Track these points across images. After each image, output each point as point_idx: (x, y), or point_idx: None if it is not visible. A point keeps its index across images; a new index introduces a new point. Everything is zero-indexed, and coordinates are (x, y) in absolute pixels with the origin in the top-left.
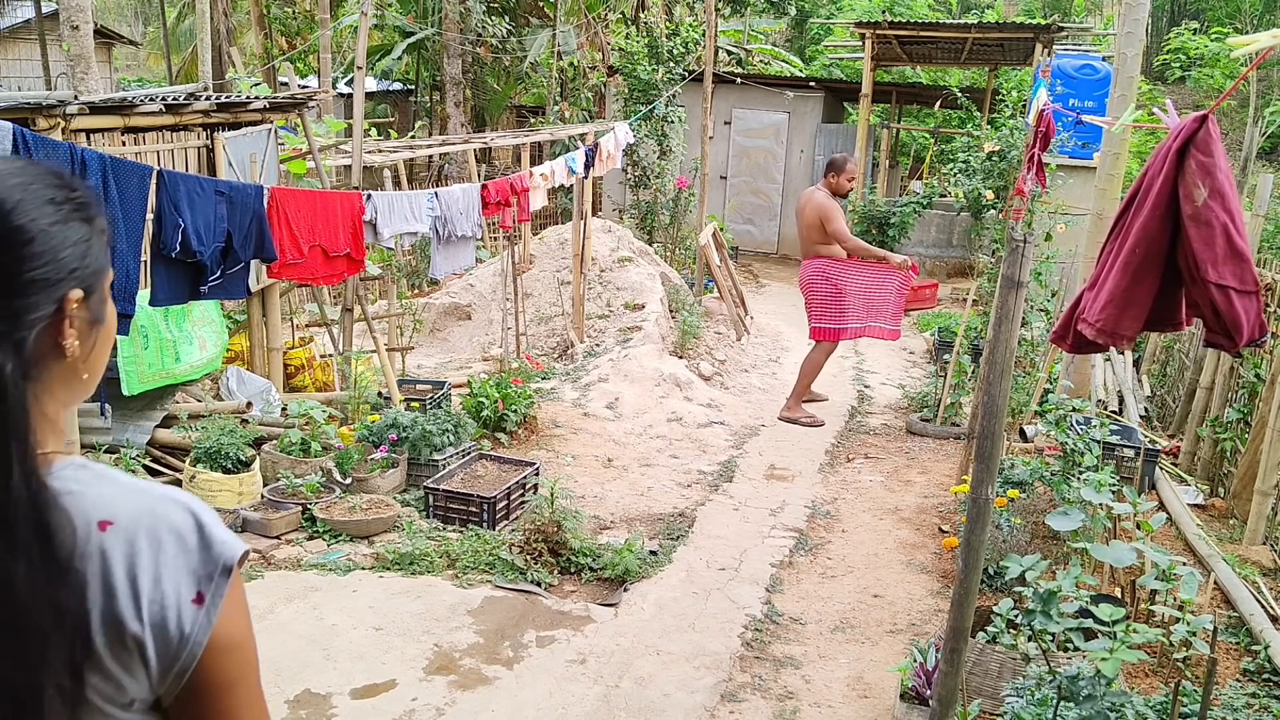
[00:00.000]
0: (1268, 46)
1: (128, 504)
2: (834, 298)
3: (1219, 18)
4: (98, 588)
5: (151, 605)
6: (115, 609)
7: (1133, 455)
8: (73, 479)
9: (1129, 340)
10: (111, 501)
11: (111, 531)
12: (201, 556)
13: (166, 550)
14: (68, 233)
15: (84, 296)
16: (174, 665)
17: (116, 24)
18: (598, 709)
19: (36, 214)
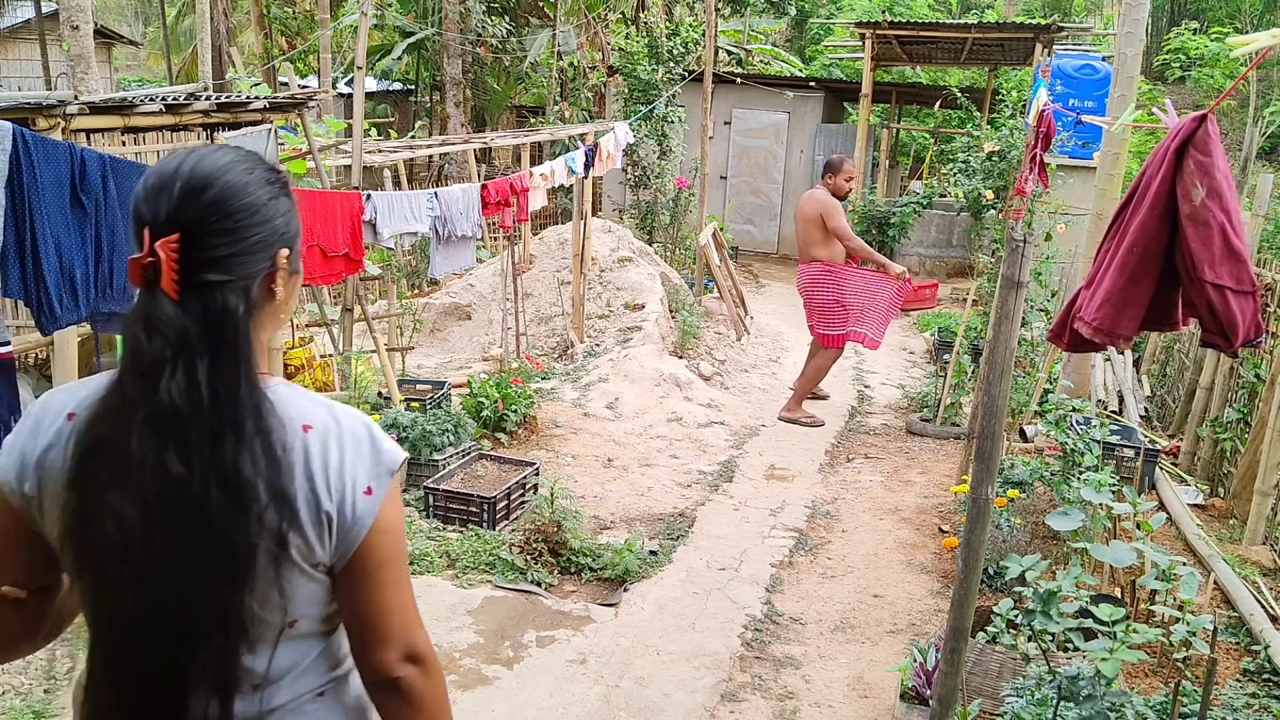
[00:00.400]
0: (1267, 46)
1: (322, 414)
2: (833, 303)
3: (1219, 18)
4: (301, 474)
5: (337, 491)
6: (314, 490)
7: (1133, 455)
8: (280, 393)
9: (1126, 339)
10: (310, 411)
11: (311, 433)
12: (372, 459)
13: (348, 451)
14: (278, 205)
15: (288, 254)
16: (347, 538)
17: (116, 24)
18: (598, 709)
19: (260, 192)
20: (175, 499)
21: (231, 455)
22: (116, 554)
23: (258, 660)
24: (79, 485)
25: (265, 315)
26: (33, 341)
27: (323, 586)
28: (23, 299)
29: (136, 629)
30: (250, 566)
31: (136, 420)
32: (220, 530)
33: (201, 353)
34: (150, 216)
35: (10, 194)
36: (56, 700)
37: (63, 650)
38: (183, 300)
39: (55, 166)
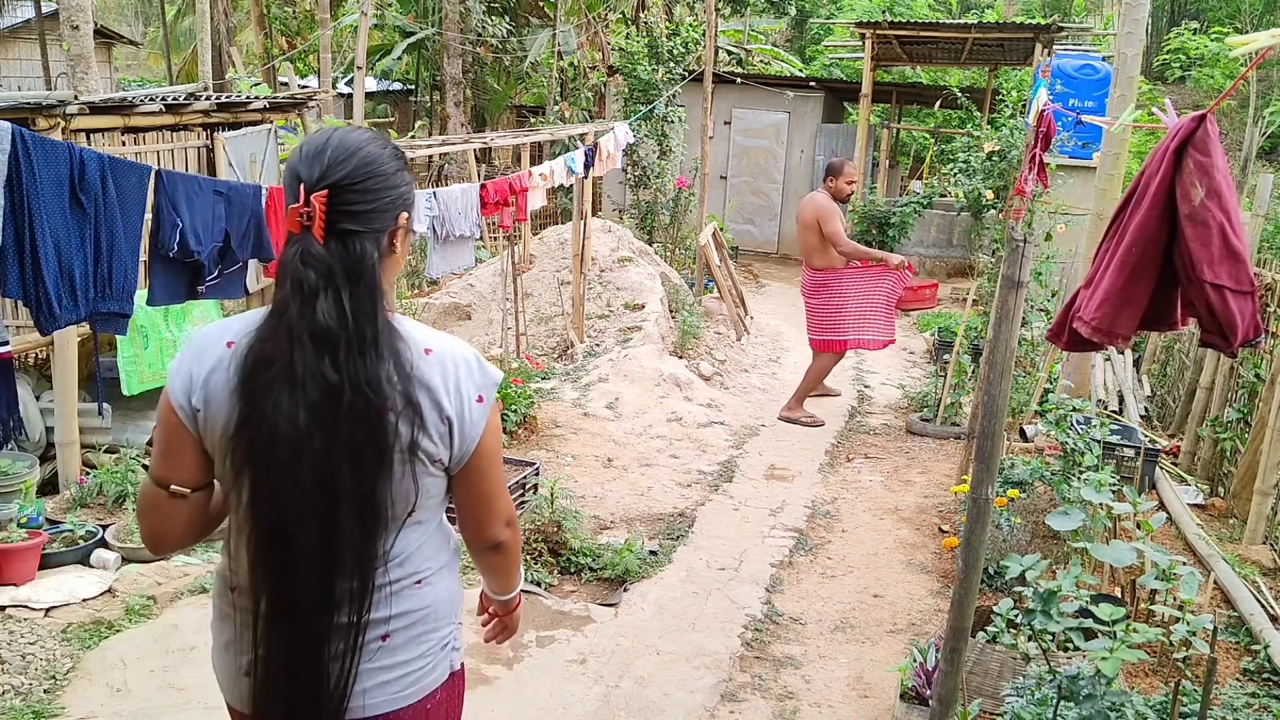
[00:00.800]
0: (1267, 46)
1: (439, 341)
2: (834, 311)
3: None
4: (426, 388)
5: (455, 401)
6: (436, 400)
7: (1133, 455)
8: (404, 325)
9: (1125, 339)
10: (429, 338)
11: (432, 355)
12: (480, 375)
13: (461, 370)
14: (402, 176)
15: (407, 216)
16: (466, 438)
17: (116, 24)
18: (598, 709)
19: (389, 165)
20: (330, 402)
21: (372, 367)
22: (285, 449)
23: (386, 542)
24: (246, 394)
25: (388, 264)
26: (32, 341)
27: (440, 482)
28: (22, 299)
29: (296, 516)
30: (388, 460)
31: (300, 336)
32: (365, 428)
33: (344, 285)
34: (306, 176)
35: (9, 194)
36: (56, 700)
37: (63, 650)
38: (327, 244)
39: (55, 166)
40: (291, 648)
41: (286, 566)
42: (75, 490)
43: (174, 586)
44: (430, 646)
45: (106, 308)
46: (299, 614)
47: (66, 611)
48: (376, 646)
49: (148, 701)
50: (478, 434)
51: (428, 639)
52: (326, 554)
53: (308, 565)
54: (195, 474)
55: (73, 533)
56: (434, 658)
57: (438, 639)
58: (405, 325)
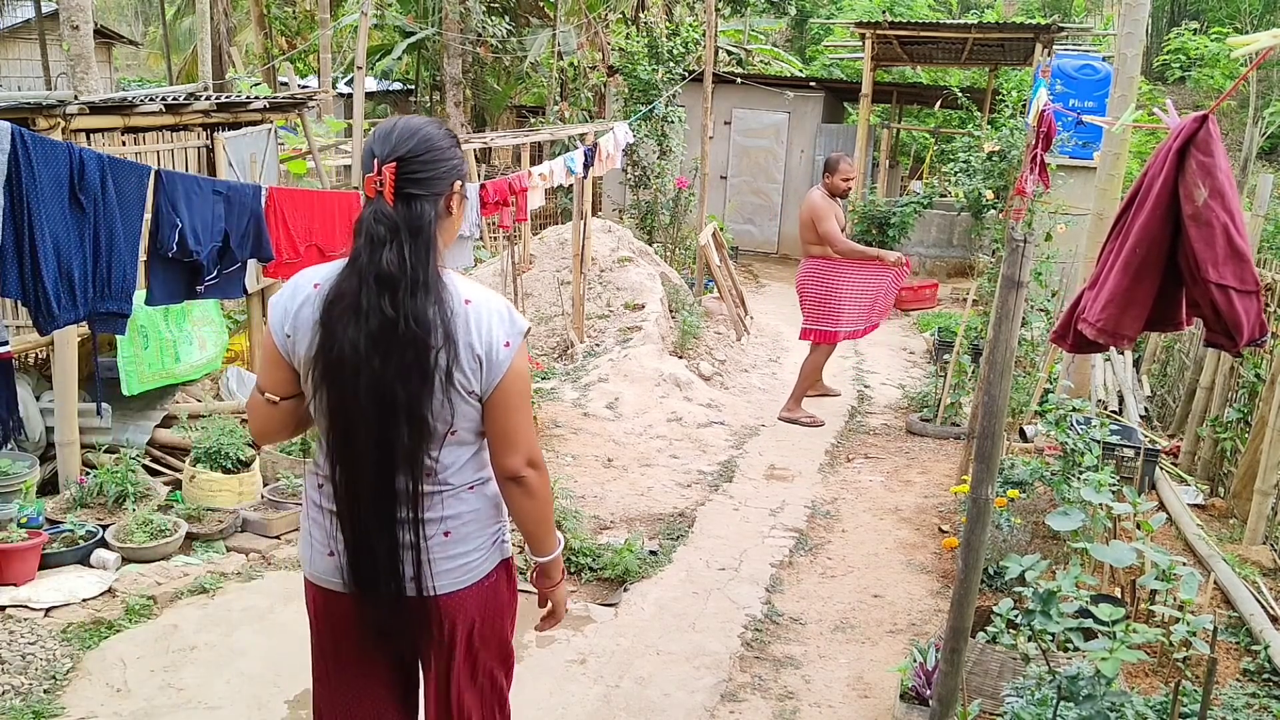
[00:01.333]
0: (1267, 46)
1: (478, 293)
2: (828, 299)
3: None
4: (463, 329)
5: (486, 342)
6: (471, 340)
7: (1133, 455)
8: (451, 277)
9: (1129, 340)
10: (470, 290)
11: (470, 305)
12: (509, 324)
13: (494, 318)
14: (454, 151)
15: (460, 185)
16: (492, 375)
17: (116, 24)
18: (598, 709)
19: (443, 142)
20: (388, 332)
21: (421, 306)
22: (350, 367)
23: (432, 454)
24: (324, 323)
25: (445, 224)
26: (32, 341)
27: (475, 409)
28: (21, 299)
29: (360, 422)
30: (430, 382)
31: (368, 278)
32: (414, 354)
33: (405, 238)
34: (379, 151)
35: (9, 194)
36: (56, 700)
37: (63, 650)
38: (395, 205)
39: (54, 166)
40: (360, 531)
41: (352, 462)
42: (75, 490)
43: (174, 586)
44: (483, 541)
45: (105, 308)
46: (364, 502)
47: (66, 611)
48: (439, 541)
49: (148, 701)
50: (502, 371)
51: (481, 534)
52: (382, 454)
53: (367, 462)
54: (286, 386)
55: (73, 533)
56: (487, 550)
57: (489, 534)
58: (451, 277)
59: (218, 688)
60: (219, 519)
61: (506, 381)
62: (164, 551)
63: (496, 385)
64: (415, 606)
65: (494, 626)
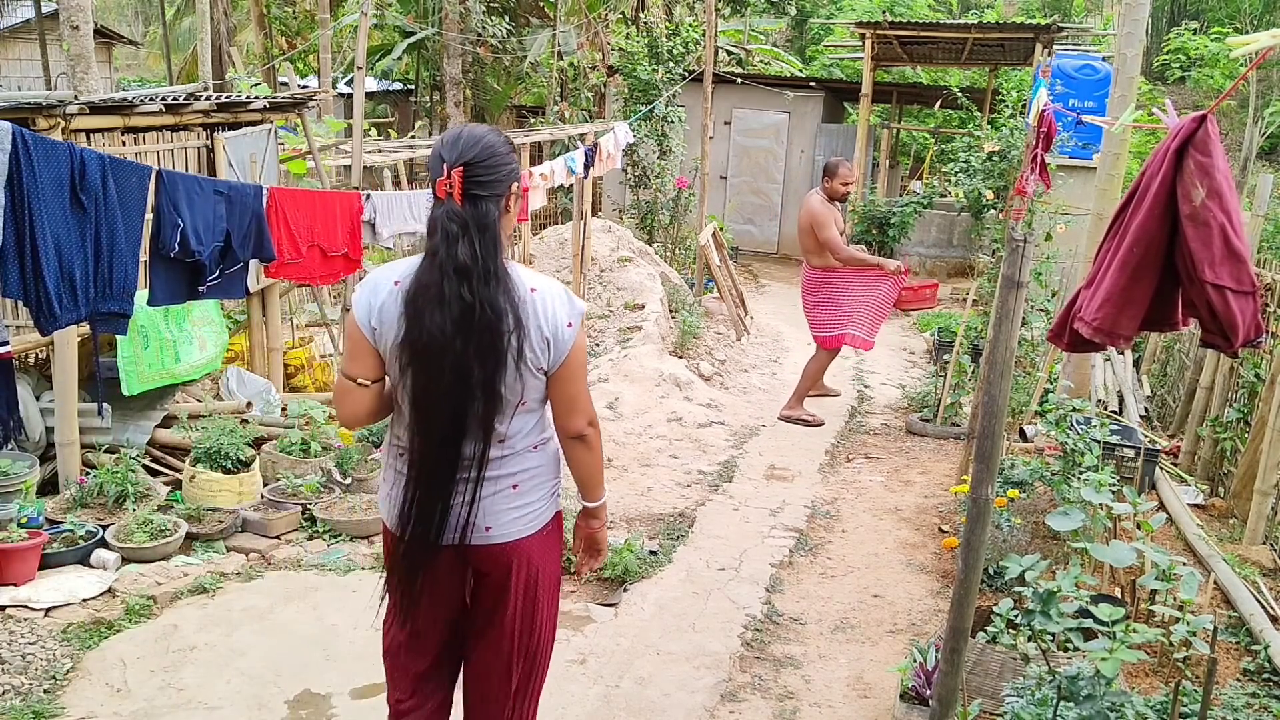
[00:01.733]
0: (1267, 46)
1: (541, 281)
2: (831, 306)
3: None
4: (531, 314)
5: (551, 324)
6: (540, 323)
7: (1133, 455)
8: (515, 268)
9: (1126, 340)
10: (534, 280)
11: (536, 293)
12: (570, 307)
13: (556, 302)
14: (511, 157)
15: (517, 185)
16: (558, 352)
17: (116, 24)
18: (598, 709)
19: (502, 148)
20: (466, 317)
21: (493, 293)
22: (437, 349)
23: (502, 422)
24: (410, 312)
25: (505, 220)
26: (32, 341)
27: (541, 382)
28: (22, 299)
29: (442, 397)
30: (503, 361)
31: (448, 270)
32: (489, 337)
33: (474, 234)
34: (449, 157)
35: (10, 194)
36: (56, 700)
37: (63, 650)
38: (463, 205)
39: (55, 166)
40: (433, 488)
41: (432, 433)
42: (75, 490)
43: (174, 586)
44: (544, 493)
45: (107, 308)
46: (438, 465)
47: (66, 611)
48: (508, 494)
49: (148, 701)
50: (567, 349)
51: (542, 487)
52: (457, 424)
53: (444, 431)
54: (372, 371)
55: (73, 533)
56: (546, 501)
57: (549, 488)
58: (515, 268)
59: (218, 688)
60: (219, 519)
61: (570, 357)
62: (164, 551)
63: (562, 361)
64: (488, 551)
65: (549, 570)
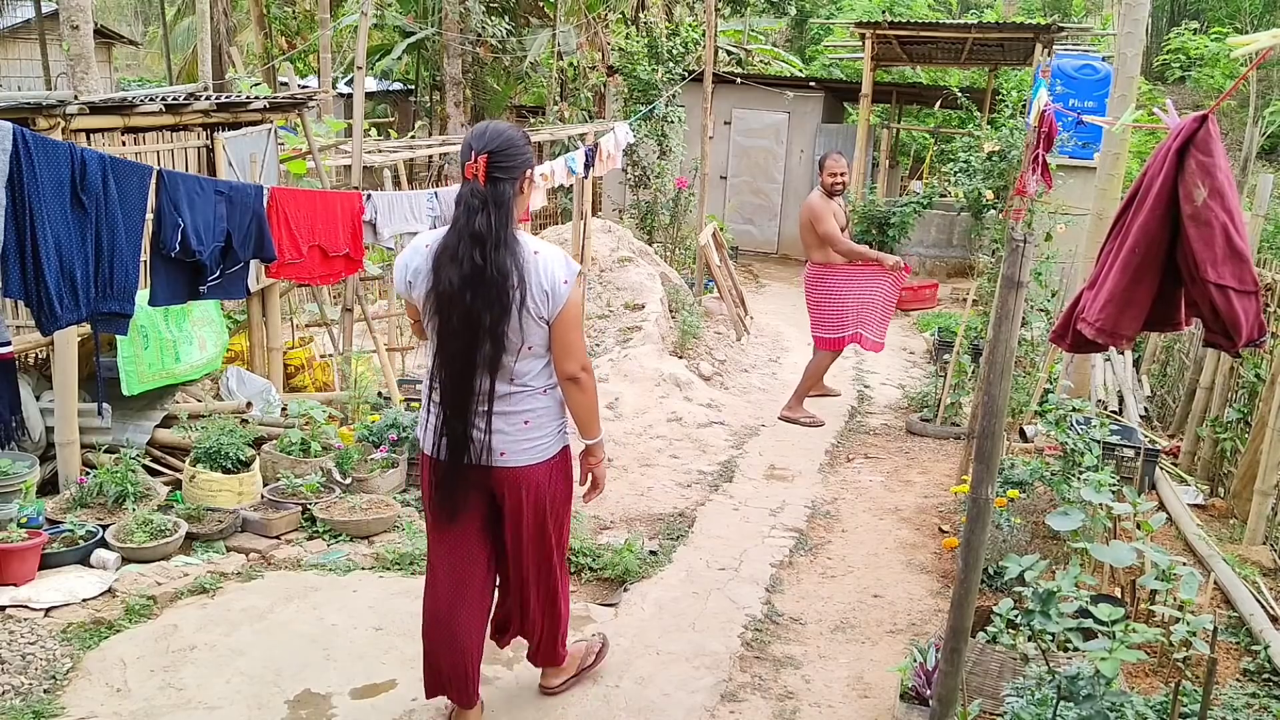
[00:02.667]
0: (1268, 46)
1: (543, 246)
2: (831, 304)
3: (1219, 18)
4: (533, 272)
5: (550, 280)
6: (540, 280)
7: (1133, 455)
8: (521, 236)
9: (1128, 340)
10: (537, 245)
11: (539, 255)
12: (566, 267)
13: (555, 263)
14: (527, 147)
15: (530, 172)
16: (556, 304)
17: (116, 24)
18: (597, 709)
19: (520, 141)
20: (477, 275)
21: (503, 256)
22: (450, 299)
23: (509, 362)
24: (434, 269)
25: (519, 200)
26: (33, 341)
27: (543, 330)
28: (22, 299)
29: (456, 337)
30: (508, 311)
31: (464, 237)
32: (495, 291)
33: (492, 209)
34: (476, 146)
35: (10, 194)
36: (56, 700)
37: (63, 650)
38: (485, 186)
39: (55, 166)
40: (455, 416)
41: (450, 368)
42: (75, 490)
43: (174, 586)
44: (552, 429)
45: (107, 308)
46: (458, 396)
47: (66, 611)
48: (522, 426)
49: (148, 701)
50: (563, 302)
51: (550, 424)
52: (468, 362)
53: (461, 368)
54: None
55: (73, 533)
56: (554, 436)
57: (556, 426)
58: (523, 236)
59: (218, 688)
60: (219, 519)
61: (566, 309)
62: (164, 551)
63: (559, 312)
64: (501, 474)
65: (556, 491)
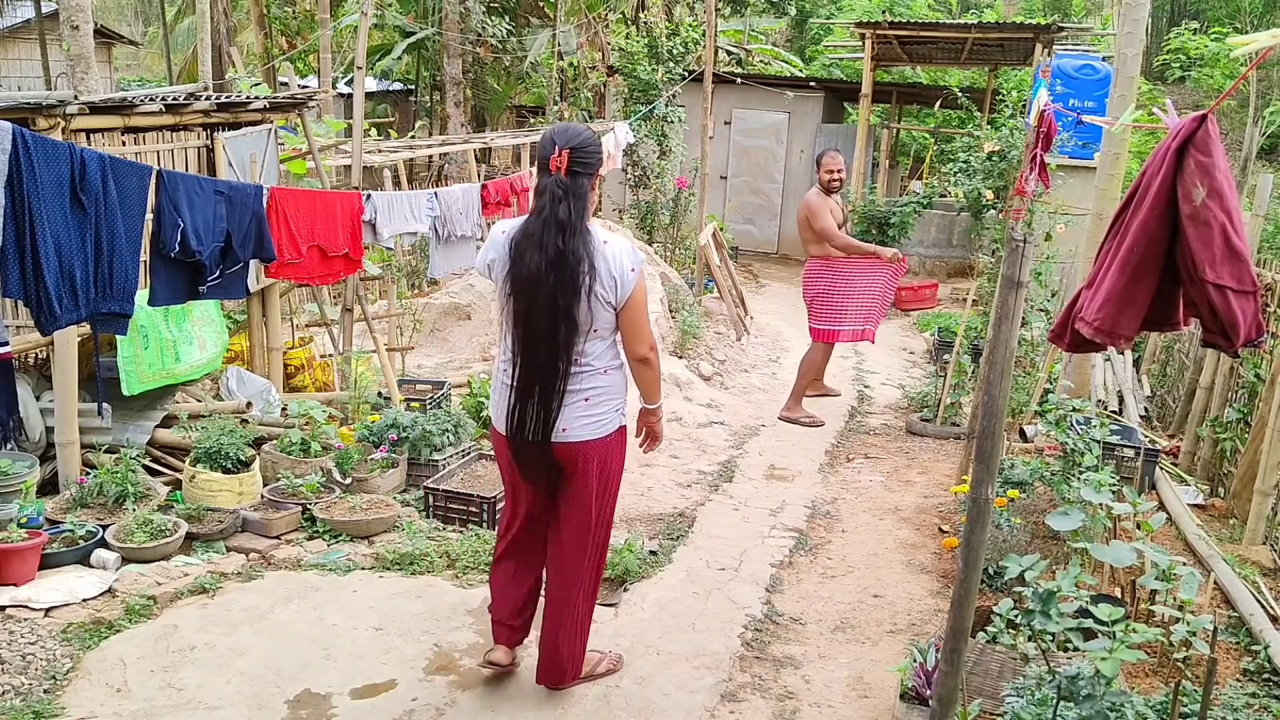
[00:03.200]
0: (1267, 46)
1: (611, 237)
2: (828, 298)
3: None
4: (601, 260)
5: (618, 268)
6: (610, 267)
7: (1133, 455)
8: (592, 227)
9: (1127, 340)
10: (606, 236)
11: (608, 244)
12: (632, 256)
13: (622, 253)
14: (600, 146)
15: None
16: (623, 291)
17: (116, 24)
18: (597, 708)
19: (595, 141)
20: (556, 259)
21: (578, 243)
22: (533, 281)
23: (579, 344)
24: (515, 253)
25: (592, 194)
26: (32, 341)
27: (610, 315)
28: (22, 299)
29: (536, 317)
30: (579, 294)
31: (548, 224)
32: (570, 274)
33: (572, 199)
34: (560, 141)
35: (10, 194)
36: (56, 700)
37: (63, 650)
38: (566, 178)
39: (55, 166)
40: (532, 396)
41: (526, 347)
42: (75, 490)
43: (174, 586)
44: (610, 407)
45: (107, 308)
46: (533, 374)
47: (66, 611)
48: (582, 403)
49: (148, 701)
50: (630, 288)
51: (608, 403)
52: (550, 342)
53: (544, 347)
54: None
55: (73, 533)
56: (611, 414)
57: (614, 404)
58: (594, 226)
59: (218, 688)
60: (219, 519)
61: (633, 295)
62: (164, 551)
63: (626, 299)
64: (564, 448)
65: (609, 466)
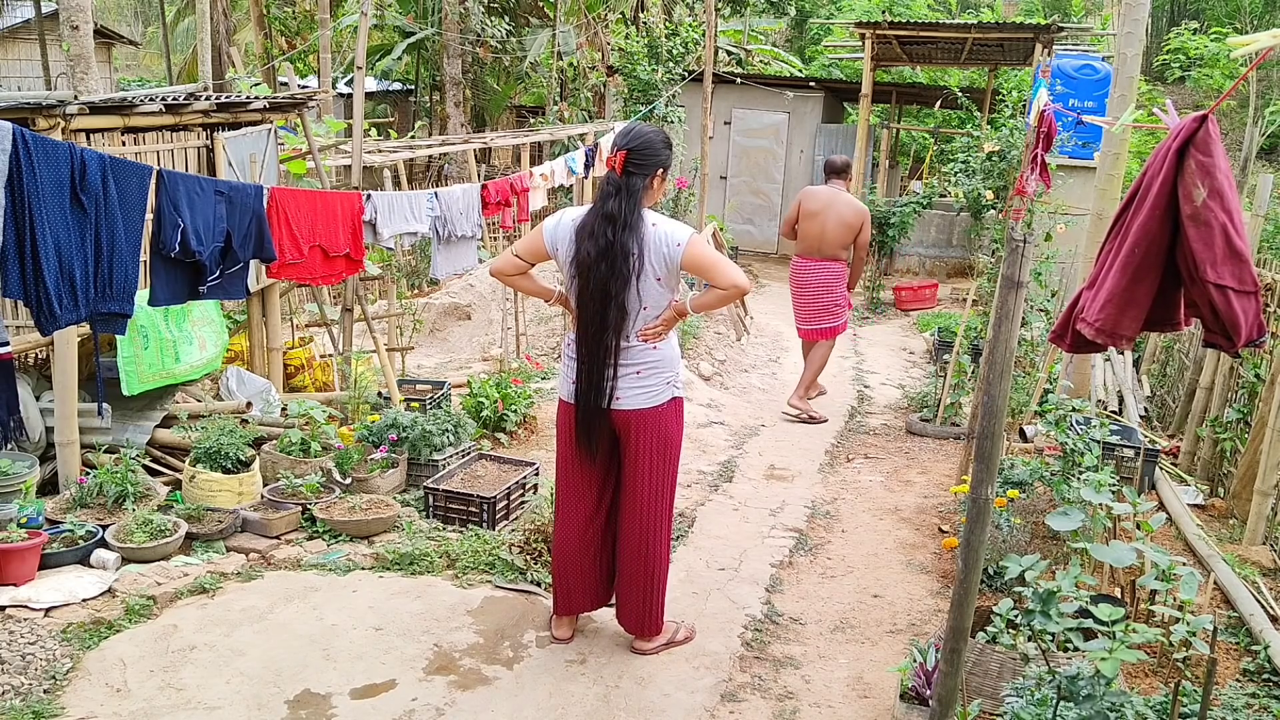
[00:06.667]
0: (1267, 46)
1: (662, 220)
2: (839, 298)
3: (1219, 18)
4: (650, 243)
5: (667, 247)
6: (659, 248)
7: (1133, 455)
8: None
9: (1128, 340)
10: (657, 220)
11: (654, 227)
12: (679, 233)
13: (670, 233)
14: (664, 149)
15: (663, 171)
16: (675, 263)
17: (116, 24)
18: (598, 709)
19: (657, 142)
20: (608, 247)
21: (627, 236)
22: (588, 267)
23: (630, 323)
24: (576, 240)
25: (649, 192)
26: (32, 341)
27: (660, 291)
28: (22, 299)
29: (592, 299)
30: (627, 282)
31: (601, 217)
32: (620, 262)
33: (624, 195)
34: (619, 143)
35: (10, 194)
36: (56, 700)
37: (63, 650)
38: (622, 176)
39: (55, 166)
40: (591, 367)
41: (586, 326)
42: (75, 490)
43: (174, 586)
44: (660, 380)
45: (107, 308)
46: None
47: (66, 611)
48: (635, 376)
49: (148, 701)
50: (679, 257)
51: (659, 375)
52: (602, 323)
53: (596, 326)
54: (530, 258)
55: (73, 533)
56: (663, 386)
57: (666, 376)
58: (649, 214)
59: (217, 688)
60: (219, 519)
61: (688, 257)
62: (164, 551)
63: (680, 261)
64: (619, 415)
65: (665, 433)
